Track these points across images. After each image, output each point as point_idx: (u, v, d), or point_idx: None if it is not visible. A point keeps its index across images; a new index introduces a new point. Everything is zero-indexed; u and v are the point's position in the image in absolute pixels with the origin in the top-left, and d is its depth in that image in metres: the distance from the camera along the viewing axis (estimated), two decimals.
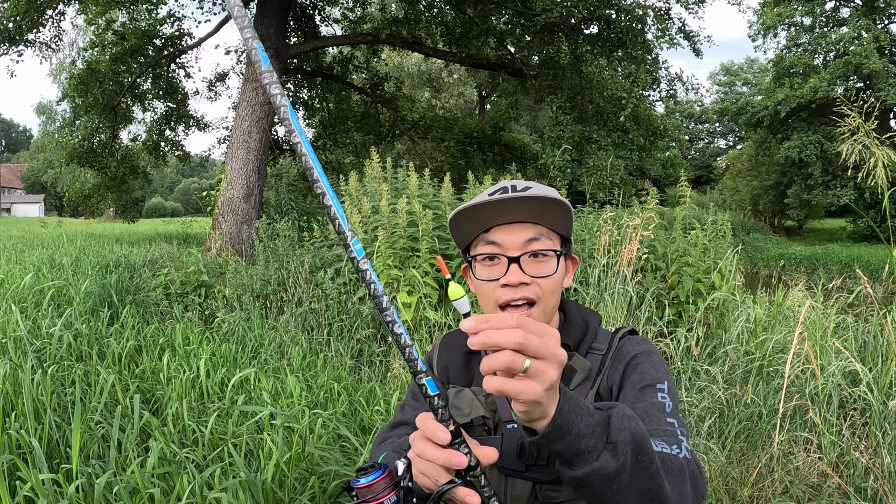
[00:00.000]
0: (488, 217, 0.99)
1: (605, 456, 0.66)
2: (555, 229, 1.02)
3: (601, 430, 0.67)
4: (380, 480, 0.76)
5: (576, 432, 0.65)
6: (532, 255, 0.99)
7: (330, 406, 2.96)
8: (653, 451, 0.70)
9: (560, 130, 10.81)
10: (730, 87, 51.78)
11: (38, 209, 57.73)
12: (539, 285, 0.98)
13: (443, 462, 0.70)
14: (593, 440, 0.66)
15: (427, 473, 0.72)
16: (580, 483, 0.68)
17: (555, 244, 1.01)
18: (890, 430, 2.63)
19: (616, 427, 0.67)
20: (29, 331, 3.67)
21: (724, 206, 27.82)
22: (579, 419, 0.66)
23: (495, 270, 0.99)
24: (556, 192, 1.02)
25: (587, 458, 0.66)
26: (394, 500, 0.76)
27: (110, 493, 2.05)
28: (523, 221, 0.99)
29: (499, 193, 0.99)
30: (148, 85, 13.57)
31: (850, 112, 3.26)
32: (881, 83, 21.08)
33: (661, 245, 4.93)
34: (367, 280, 0.66)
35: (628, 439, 0.67)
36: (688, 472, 0.77)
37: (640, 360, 0.99)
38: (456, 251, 4.85)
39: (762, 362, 3.33)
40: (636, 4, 9.61)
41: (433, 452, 0.70)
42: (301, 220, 9.26)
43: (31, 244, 11.20)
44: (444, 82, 30.92)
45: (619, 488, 0.67)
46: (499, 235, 0.99)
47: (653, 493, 0.70)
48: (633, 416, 0.70)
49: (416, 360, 0.67)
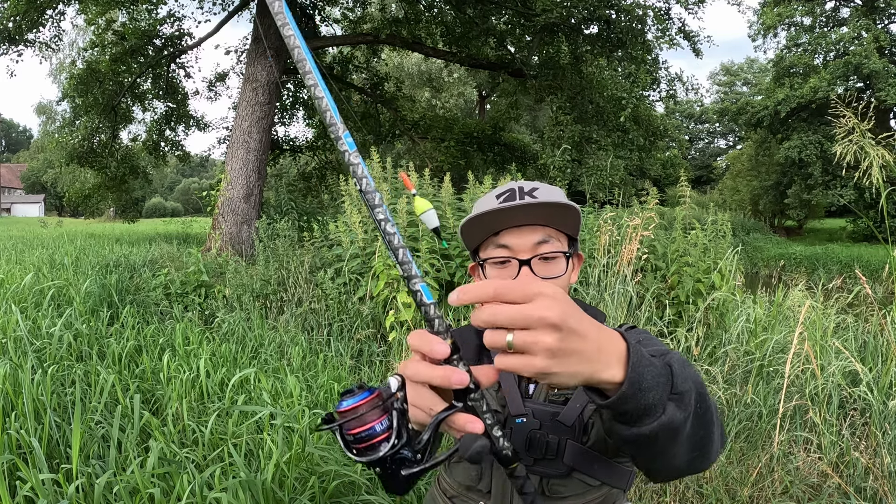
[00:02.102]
0: (497, 221, 1.00)
1: (671, 407, 0.61)
2: (563, 230, 1.04)
3: (665, 380, 0.61)
4: (366, 402, 0.64)
5: (645, 386, 0.59)
6: (542, 258, 1.00)
7: (330, 406, 2.96)
8: (710, 398, 0.66)
9: (560, 130, 10.81)
10: (730, 87, 51.78)
11: (38, 209, 57.72)
12: None
13: (441, 380, 0.59)
14: (659, 392, 0.60)
15: (420, 404, 0.62)
16: (643, 440, 0.62)
17: (563, 245, 1.03)
18: (890, 430, 2.63)
19: (680, 376, 0.62)
20: (29, 331, 3.67)
21: (724, 206, 27.84)
22: (646, 370, 0.59)
23: (506, 273, 1.01)
24: (563, 195, 1.04)
25: (654, 412, 0.60)
26: (386, 424, 0.63)
27: (110, 493, 2.05)
28: (532, 224, 1.00)
29: (506, 196, 1.01)
30: (148, 85, 13.57)
31: (846, 113, 3.26)
32: (881, 83, 21.08)
33: (661, 245, 4.93)
34: (359, 175, 0.60)
35: (692, 388, 0.63)
36: (720, 421, 0.75)
37: (641, 338, 1.01)
38: (456, 251, 4.85)
39: (762, 362, 3.33)
40: (636, 4, 9.61)
41: (429, 371, 0.60)
42: (301, 220, 9.26)
43: (31, 244, 11.19)
44: (444, 82, 30.93)
45: (681, 440, 0.63)
46: (509, 238, 1.00)
47: (704, 440, 0.67)
48: (688, 362, 0.65)
49: (410, 263, 0.59)
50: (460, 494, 1.08)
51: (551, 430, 0.99)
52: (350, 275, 5.03)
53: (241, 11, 12.58)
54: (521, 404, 1.03)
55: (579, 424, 0.99)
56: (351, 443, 0.64)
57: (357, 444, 0.63)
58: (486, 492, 1.04)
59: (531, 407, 1.02)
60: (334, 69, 14.46)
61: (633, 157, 11.24)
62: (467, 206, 5.33)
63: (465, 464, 1.08)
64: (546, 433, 0.99)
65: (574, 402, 1.01)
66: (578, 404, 1.00)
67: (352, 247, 5.18)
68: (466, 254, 4.75)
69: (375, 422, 0.63)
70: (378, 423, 0.63)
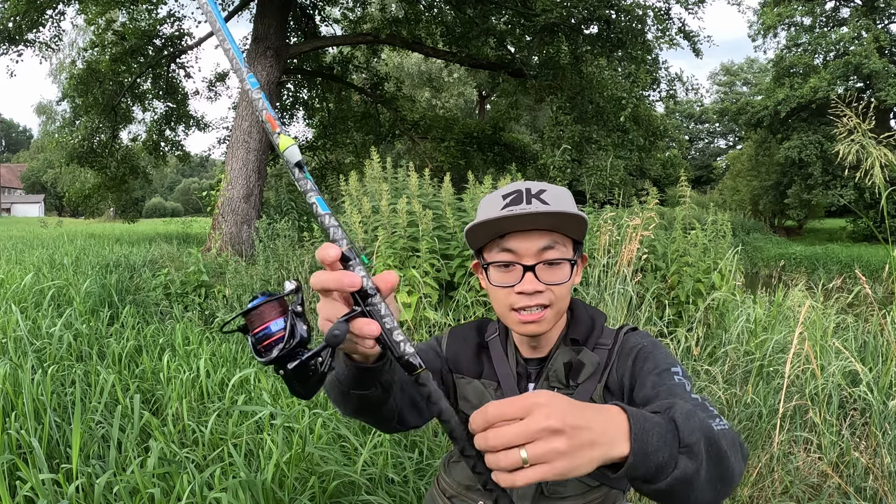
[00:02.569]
0: (503, 225, 1.00)
1: (683, 461, 0.64)
2: (568, 235, 1.03)
3: (672, 437, 0.64)
4: (266, 304, 0.66)
5: (651, 450, 0.62)
6: (546, 264, 0.99)
7: (330, 406, 2.96)
8: (719, 438, 0.68)
9: (560, 130, 10.82)
10: (730, 87, 51.78)
11: (38, 209, 57.71)
12: (552, 291, 1.00)
13: (335, 283, 0.64)
14: (668, 450, 0.63)
15: (326, 314, 0.67)
16: (662, 494, 0.65)
17: (568, 251, 1.02)
18: (890, 430, 2.63)
19: (685, 429, 0.65)
20: (29, 331, 3.67)
21: (724, 206, 27.81)
22: (651, 436, 0.63)
23: (510, 277, 1.00)
24: (571, 200, 1.03)
25: (666, 470, 0.63)
26: (281, 325, 0.65)
27: (110, 493, 2.05)
28: (539, 230, 1.00)
29: (513, 198, 1.00)
30: (148, 85, 13.57)
31: (846, 113, 3.26)
32: (881, 83, 21.08)
33: (661, 245, 4.93)
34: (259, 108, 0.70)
35: (699, 438, 0.65)
36: (737, 439, 0.77)
37: (649, 350, 1.01)
38: (456, 251, 4.85)
39: (762, 362, 3.33)
40: (636, 4, 9.61)
41: (325, 276, 0.65)
42: (301, 220, 9.26)
43: (31, 244, 11.19)
44: (444, 82, 30.93)
45: (698, 485, 0.66)
46: (514, 243, 1.00)
47: (724, 475, 0.69)
48: (693, 410, 0.69)
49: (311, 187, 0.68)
50: (459, 494, 1.08)
51: None
52: None
53: (241, 11, 12.58)
54: None
55: None
56: (255, 345, 0.67)
57: (258, 344, 0.66)
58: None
59: None
60: (334, 69, 14.46)
61: (633, 157, 11.24)
62: (467, 206, 5.33)
63: (463, 463, 1.08)
64: None
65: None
66: None
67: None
68: (467, 253, 4.74)
69: (271, 321, 0.66)
70: (273, 322, 0.66)
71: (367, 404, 0.86)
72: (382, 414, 0.91)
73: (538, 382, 1.06)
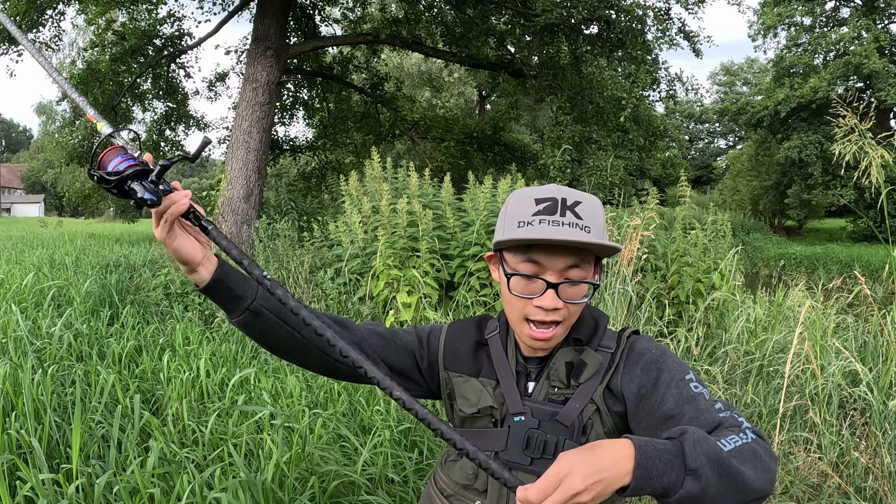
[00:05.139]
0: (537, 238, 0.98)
1: (689, 482, 0.72)
2: (594, 253, 1.02)
3: (679, 462, 0.73)
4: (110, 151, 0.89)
5: (656, 474, 0.72)
6: (570, 283, 0.98)
7: (330, 406, 2.96)
8: (728, 458, 0.75)
9: (560, 130, 10.81)
10: (730, 87, 51.77)
11: (38, 209, 57.71)
12: (568, 308, 1.00)
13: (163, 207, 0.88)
14: (674, 473, 0.72)
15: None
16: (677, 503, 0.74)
17: (590, 271, 1.01)
18: (890, 430, 2.63)
19: (691, 455, 0.73)
20: (29, 331, 3.67)
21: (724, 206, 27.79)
22: (656, 462, 0.72)
23: (531, 289, 0.99)
24: (602, 212, 1.00)
25: (674, 488, 0.72)
26: (118, 160, 0.87)
27: (110, 493, 2.05)
28: (568, 249, 0.98)
29: (547, 207, 0.97)
30: (148, 85, 13.55)
31: (845, 113, 3.26)
32: (881, 83, 21.08)
33: (661, 245, 4.93)
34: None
35: (704, 462, 0.73)
36: (760, 450, 0.80)
37: (659, 359, 1.00)
38: (456, 251, 4.85)
39: (762, 362, 3.33)
40: (636, 5, 9.60)
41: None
42: (301, 220, 9.26)
43: (31, 244, 11.20)
44: (444, 82, 30.93)
45: (709, 499, 0.74)
46: (541, 257, 0.98)
47: (740, 487, 0.75)
48: (703, 436, 0.76)
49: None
50: (457, 493, 1.08)
51: (550, 430, 0.99)
52: (350, 275, 5.03)
53: (241, 11, 12.58)
54: (520, 402, 1.03)
55: (578, 424, 0.99)
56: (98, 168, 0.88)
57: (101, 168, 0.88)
58: (483, 491, 1.04)
59: (529, 405, 1.02)
60: (334, 69, 14.45)
61: (633, 157, 11.23)
62: (467, 206, 5.32)
63: (461, 462, 1.08)
64: (544, 432, 0.99)
65: (573, 402, 1.00)
66: (578, 404, 1.00)
67: (352, 247, 5.18)
68: (466, 254, 4.75)
69: (115, 159, 0.88)
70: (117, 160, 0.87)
71: (259, 336, 1.00)
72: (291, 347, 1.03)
73: (538, 381, 1.06)
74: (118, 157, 0.87)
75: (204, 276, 0.93)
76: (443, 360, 1.15)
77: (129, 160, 0.87)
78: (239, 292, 0.96)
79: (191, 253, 0.91)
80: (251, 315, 0.97)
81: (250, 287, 0.97)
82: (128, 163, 0.86)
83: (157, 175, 0.87)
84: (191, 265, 0.92)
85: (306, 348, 1.04)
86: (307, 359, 1.07)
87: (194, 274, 0.93)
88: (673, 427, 0.87)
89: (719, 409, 0.88)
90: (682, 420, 0.88)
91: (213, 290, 0.94)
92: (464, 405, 1.08)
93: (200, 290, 0.95)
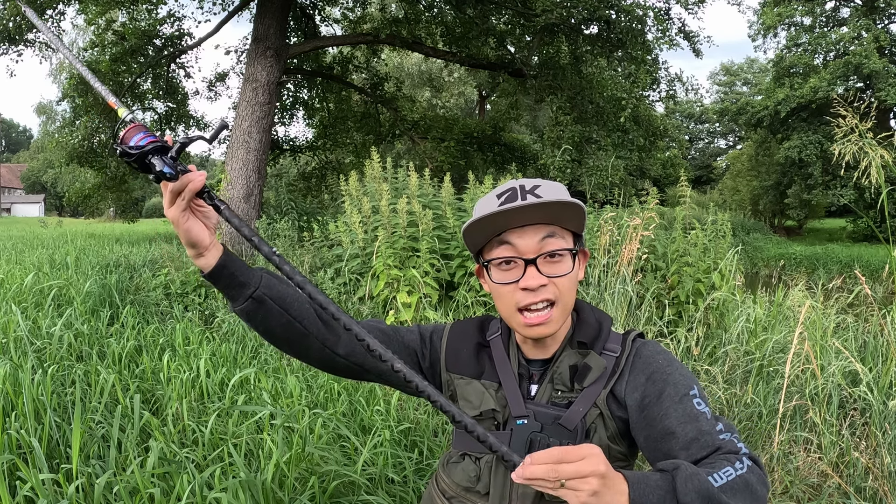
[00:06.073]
0: (500, 222, 0.99)
1: None
2: (567, 227, 1.02)
3: (671, 497, 0.76)
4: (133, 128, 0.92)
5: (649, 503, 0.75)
6: (548, 256, 0.99)
7: (330, 406, 2.96)
8: (718, 494, 0.78)
9: (560, 131, 10.81)
10: (730, 87, 51.75)
11: (38, 209, 57.69)
12: (556, 285, 0.99)
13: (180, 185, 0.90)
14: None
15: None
16: None
17: (568, 242, 1.01)
18: (890, 430, 2.63)
19: (682, 491, 0.76)
20: (29, 331, 3.67)
21: (724, 206, 27.78)
22: (650, 496, 0.76)
23: (512, 273, 1.00)
24: (566, 192, 1.02)
25: None
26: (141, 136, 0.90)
27: (110, 493, 2.05)
28: (536, 223, 0.99)
29: (507, 196, 0.99)
30: (148, 85, 13.55)
31: (846, 113, 3.26)
32: (881, 83, 21.07)
33: (661, 245, 4.93)
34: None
35: (695, 498, 0.76)
36: (753, 479, 0.82)
37: (668, 372, 0.99)
38: (456, 251, 4.85)
39: (762, 362, 3.33)
40: (636, 5, 9.61)
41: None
42: (301, 220, 9.26)
43: (31, 244, 11.20)
44: (444, 82, 30.92)
45: None
46: (513, 238, 0.99)
47: None
48: (695, 472, 0.79)
49: None
50: (458, 495, 1.07)
51: (553, 433, 0.98)
52: (350, 275, 5.03)
53: (241, 11, 12.58)
54: (523, 405, 1.02)
55: (581, 428, 0.98)
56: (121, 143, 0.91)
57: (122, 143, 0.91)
58: (485, 493, 1.04)
59: (533, 409, 1.01)
60: (334, 69, 14.45)
61: (633, 157, 11.23)
62: (467, 206, 5.33)
63: (463, 464, 1.08)
64: (547, 436, 0.98)
65: (577, 405, 1.00)
66: (581, 408, 0.99)
67: (352, 247, 5.18)
68: (466, 253, 4.75)
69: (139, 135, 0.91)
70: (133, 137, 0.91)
71: (262, 326, 1.00)
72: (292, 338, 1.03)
73: (541, 384, 1.05)
74: (140, 132, 0.91)
75: (210, 260, 0.94)
76: (444, 361, 1.14)
77: (150, 136, 0.90)
78: (243, 279, 0.97)
79: (200, 235, 0.93)
80: (254, 303, 0.97)
81: (254, 275, 0.98)
82: (149, 139, 0.89)
83: (175, 152, 0.90)
84: (199, 248, 0.93)
85: (307, 339, 1.04)
86: (308, 350, 1.06)
87: (201, 258, 0.94)
88: (671, 444, 0.89)
89: (720, 430, 0.88)
90: (682, 438, 0.89)
91: (218, 276, 0.96)
92: (466, 408, 1.08)
93: (205, 276, 0.96)
